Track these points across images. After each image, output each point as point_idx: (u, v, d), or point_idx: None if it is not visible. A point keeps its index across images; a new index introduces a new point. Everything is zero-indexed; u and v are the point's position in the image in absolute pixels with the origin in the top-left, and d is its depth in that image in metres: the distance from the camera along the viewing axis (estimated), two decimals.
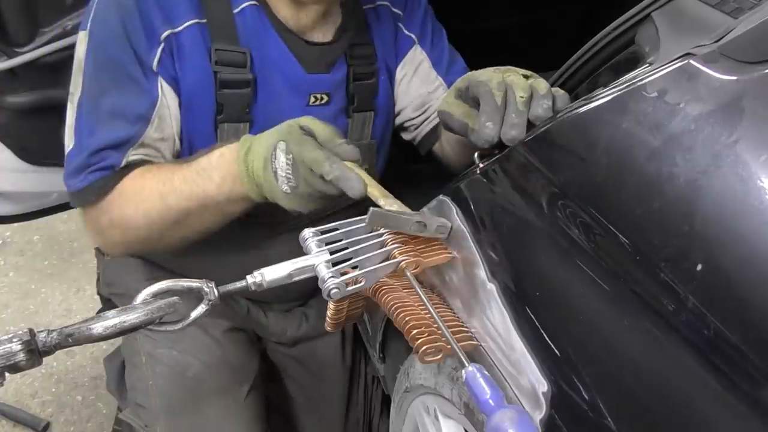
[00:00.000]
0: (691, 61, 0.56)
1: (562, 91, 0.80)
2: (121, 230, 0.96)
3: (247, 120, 1.01)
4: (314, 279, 0.71)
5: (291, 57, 1.02)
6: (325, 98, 1.06)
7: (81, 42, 0.95)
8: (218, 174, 0.86)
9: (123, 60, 0.92)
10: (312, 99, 1.05)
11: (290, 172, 0.77)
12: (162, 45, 0.93)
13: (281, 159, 0.78)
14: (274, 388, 1.37)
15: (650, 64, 0.64)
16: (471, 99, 0.84)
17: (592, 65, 0.81)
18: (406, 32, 1.15)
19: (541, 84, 0.79)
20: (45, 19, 1.24)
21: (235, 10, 0.97)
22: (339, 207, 1.13)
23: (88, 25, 0.94)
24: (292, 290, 1.27)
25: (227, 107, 0.99)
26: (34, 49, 1.24)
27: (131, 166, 0.94)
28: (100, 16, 0.93)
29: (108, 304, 1.29)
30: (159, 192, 0.90)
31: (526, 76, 0.81)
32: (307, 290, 1.30)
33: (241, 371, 1.20)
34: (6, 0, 1.19)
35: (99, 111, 0.93)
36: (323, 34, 1.04)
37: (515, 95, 0.77)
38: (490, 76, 0.80)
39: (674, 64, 0.58)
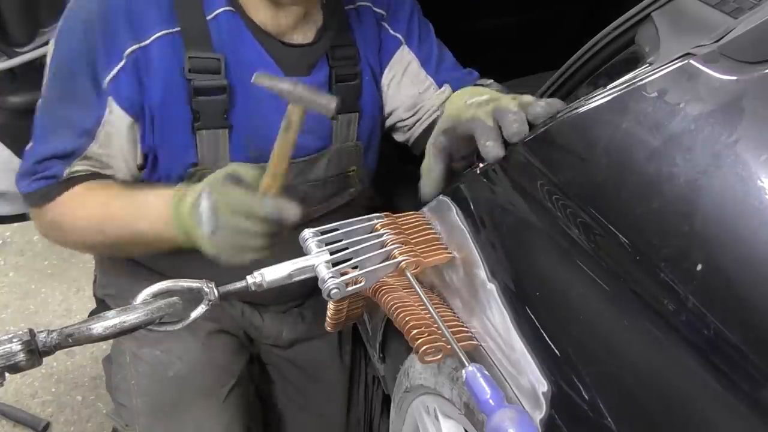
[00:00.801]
0: (691, 61, 0.56)
1: (551, 99, 0.81)
2: (61, 238, 1.02)
3: (226, 126, 1.00)
4: (311, 280, 0.72)
5: (269, 60, 1.00)
6: None
7: (49, 50, 0.97)
8: (152, 213, 0.90)
9: (78, 74, 0.93)
10: None
11: (212, 217, 0.80)
12: (123, 62, 0.92)
13: (204, 205, 0.80)
14: (273, 390, 1.37)
15: (650, 64, 0.64)
16: (459, 138, 0.86)
17: (592, 65, 0.81)
18: (392, 32, 1.13)
19: (525, 96, 0.82)
20: (45, 19, 1.24)
21: (209, 16, 0.96)
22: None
23: (56, 34, 0.95)
24: (289, 292, 1.27)
25: (204, 114, 0.98)
26: (34, 49, 1.24)
27: (76, 178, 0.97)
28: (66, 27, 0.94)
29: (102, 305, 1.30)
30: (96, 215, 0.95)
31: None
32: (305, 291, 1.30)
33: (224, 372, 1.21)
34: (6, 0, 1.19)
35: (52, 119, 0.96)
36: (304, 36, 1.03)
37: (506, 105, 0.80)
38: (472, 112, 0.84)
39: (674, 64, 0.58)
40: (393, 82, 1.15)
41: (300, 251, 0.74)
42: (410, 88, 1.15)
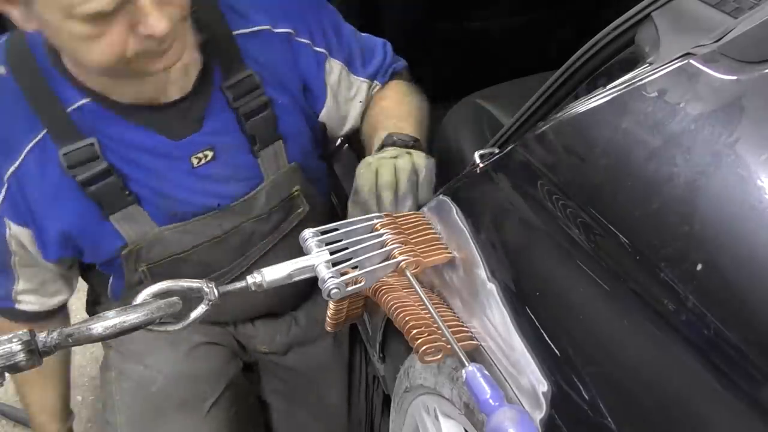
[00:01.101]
0: (691, 61, 0.56)
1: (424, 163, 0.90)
2: None
3: (133, 201, 0.97)
4: (303, 287, 0.72)
5: (149, 134, 0.95)
6: (210, 154, 1.00)
7: None
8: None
9: None
10: (195, 161, 1.00)
11: None
12: (6, 186, 0.92)
13: None
14: (272, 395, 1.37)
15: (650, 64, 0.64)
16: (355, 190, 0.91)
17: (592, 65, 0.81)
18: (315, 48, 1.06)
19: (401, 173, 0.88)
20: None
21: (70, 108, 0.91)
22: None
23: None
24: (280, 303, 1.27)
25: (104, 201, 0.95)
26: None
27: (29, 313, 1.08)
28: None
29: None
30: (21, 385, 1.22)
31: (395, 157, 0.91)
32: (297, 302, 1.30)
33: (208, 385, 1.21)
34: None
35: None
36: (180, 87, 0.95)
37: (382, 198, 0.88)
38: (362, 177, 0.90)
39: (674, 64, 0.58)
40: (339, 102, 1.12)
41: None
42: (354, 99, 1.14)
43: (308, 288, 1.29)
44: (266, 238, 1.13)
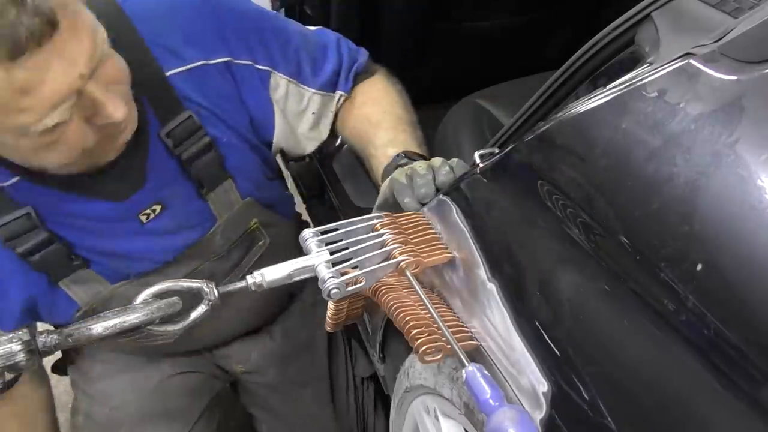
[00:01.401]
0: (691, 61, 0.56)
1: (457, 160, 0.88)
2: None
3: (82, 265, 0.93)
4: (277, 298, 0.71)
5: (91, 202, 0.90)
6: (158, 208, 0.95)
7: None
8: None
9: None
10: (144, 218, 0.95)
11: None
12: None
13: None
14: (257, 414, 1.35)
15: (650, 64, 0.64)
16: (393, 204, 0.89)
17: (592, 65, 0.81)
18: (258, 67, 0.98)
19: (435, 159, 0.88)
20: None
21: (4, 184, 0.85)
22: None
23: None
24: (257, 316, 1.24)
25: (50, 270, 0.91)
26: None
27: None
28: None
29: None
30: None
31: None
32: (274, 310, 1.26)
33: (181, 417, 1.18)
34: None
35: None
36: (114, 147, 0.86)
37: (416, 169, 0.86)
38: (390, 176, 0.89)
39: (674, 64, 0.58)
40: (293, 122, 1.05)
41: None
42: (306, 113, 1.06)
43: (284, 299, 1.26)
44: (228, 275, 1.08)
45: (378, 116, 1.04)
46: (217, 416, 1.26)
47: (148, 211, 0.95)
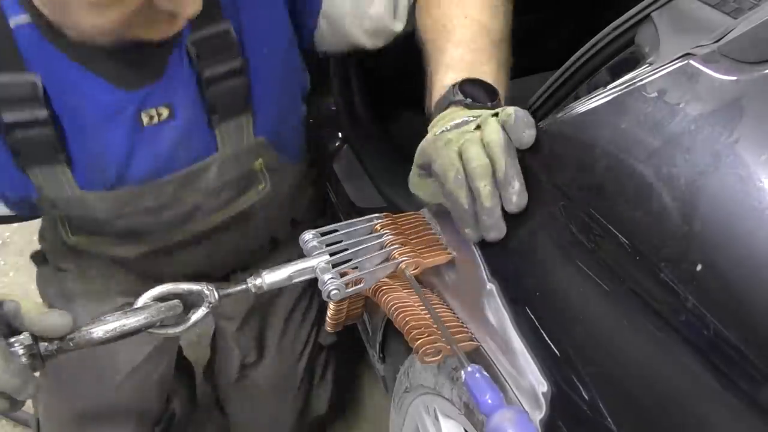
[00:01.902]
0: (691, 61, 0.56)
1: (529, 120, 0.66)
2: None
3: (62, 161, 0.82)
4: (258, 244, 0.66)
5: (95, 81, 0.78)
6: (165, 113, 0.84)
7: None
8: None
9: None
10: (146, 119, 0.83)
11: None
12: None
13: None
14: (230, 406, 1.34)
15: (650, 64, 0.64)
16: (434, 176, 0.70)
17: (592, 65, 0.81)
18: None
19: (507, 109, 0.65)
20: None
21: (13, 24, 0.73)
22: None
23: None
24: (222, 262, 1.13)
25: (26, 152, 0.80)
26: None
27: None
28: None
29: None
30: None
31: (478, 125, 0.67)
32: (245, 256, 1.17)
33: (143, 416, 1.15)
34: None
35: None
36: (159, 30, 0.74)
37: (478, 189, 0.64)
38: (443, 157, 0.66)
39: (674, 64, 0.58)
40: (337, 23, 0.89)
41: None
42: (358, 16, 0.88)
43: (267, 247, 1.17)
44: (212, 214, 0.96)
45: (456, 20, 0.81)
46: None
47: (153, 111, 0.83)
